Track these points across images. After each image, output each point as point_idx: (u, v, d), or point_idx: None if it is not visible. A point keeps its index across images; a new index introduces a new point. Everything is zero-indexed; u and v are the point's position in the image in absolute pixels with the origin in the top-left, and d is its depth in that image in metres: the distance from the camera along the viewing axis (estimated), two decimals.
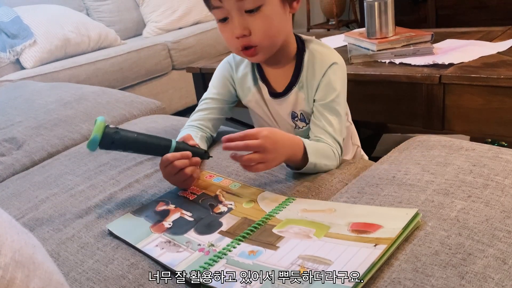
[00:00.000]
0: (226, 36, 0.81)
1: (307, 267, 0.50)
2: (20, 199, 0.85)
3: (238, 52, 0.83)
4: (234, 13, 0.76)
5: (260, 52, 0.80)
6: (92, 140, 0.67)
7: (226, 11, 0.76)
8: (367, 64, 1.33)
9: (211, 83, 0.95)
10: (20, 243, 0.39)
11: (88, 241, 0.67)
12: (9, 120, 1.22)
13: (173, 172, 0.72)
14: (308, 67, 0.85)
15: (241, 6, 0.75)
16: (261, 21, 0.76)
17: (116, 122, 1.22)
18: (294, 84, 0.86)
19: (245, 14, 0.76)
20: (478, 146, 0.70)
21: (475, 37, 1.44)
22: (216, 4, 0.76)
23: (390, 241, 0.49)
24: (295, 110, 0.88)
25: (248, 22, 0.76)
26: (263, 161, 0.68)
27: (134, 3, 3.00)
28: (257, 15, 0.76)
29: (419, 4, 2.92)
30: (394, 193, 0.61)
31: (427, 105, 1.19)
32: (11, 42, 2.18)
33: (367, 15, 1.40)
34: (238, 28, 0.76)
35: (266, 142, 0.67)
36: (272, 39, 0.80)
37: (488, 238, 0.49)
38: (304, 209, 0.63)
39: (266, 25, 0.77)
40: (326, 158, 0.77)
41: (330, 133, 0.81)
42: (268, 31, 0.78)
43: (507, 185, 0.58)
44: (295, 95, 0.86)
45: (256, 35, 0.77)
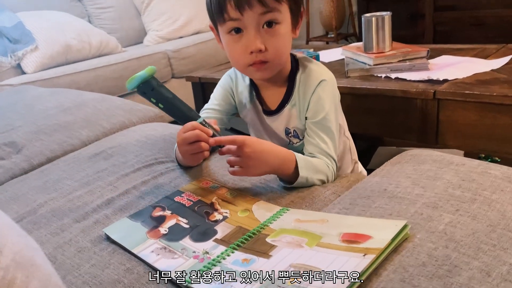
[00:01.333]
0: (236, 51, 0.80)
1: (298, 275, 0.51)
2: (19, 202, 0.86)
3: (245, 69, 0.83)
4: (251, 28, 0.77)
5: (269, 68, 0.82)
6: (137, 76, 0.71)
7: (242, 24, 0.77)
8: (364, 78, 1.35)
9: (213, 95, 0.98)
10: (20, 245, 0.40)
11: (85, 245, 0.68)
12: (9, 124, 1.24)
13: (190, 140, 0.74)
14: (299, 85, 0.87)
15: (261, 20, 0.77)
16: (276, 38, 0.79)
17: (115, 129, 1.23)
18: (286, 102, 0.88)
19: (262, 30, 0.77)
20: (468, 161, 0.72)
21: (470, 54, 1.47)
22: (235, 16, 0.76)
23: (379, 251, 0.51)
24: (289, 127, 0.90)
25: (264, 38, 0.78)
26: (242, 166, 0.72)
27: (136, 12, 3.03)
28: (273, 31, 0.78)
29: (417, 20, 2.96)
30: (385, 205, 0.63)
31: (422, 119, 1.21)
32: (13, 47, 2.21)
33: (364, 30, 1.43)
34: (255, 42, 0.77)
35: (247, 149, 0.71)
36: (281, 58, 0.83)
37: (473, 250, 0.51)
38: (298, 219, 0.65)
39: (280, 42, 0.79)
40: (319, 173, 0.79)
41: (324, 149, 0.83)
42: (281, 49, 0.80)
43: (494, 200, 0.60)
44: (288, 112, 0.89)
45: (270, 51, 0.79)
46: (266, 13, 0.76)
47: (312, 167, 0.78)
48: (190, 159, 0.78)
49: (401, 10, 3.01)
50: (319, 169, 0.79)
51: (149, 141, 1.04)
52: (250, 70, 0.83)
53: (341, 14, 3.40)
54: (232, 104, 0.97)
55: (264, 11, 0.76)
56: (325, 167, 0.81)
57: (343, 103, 0.95)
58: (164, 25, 2.90)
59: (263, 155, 0.73)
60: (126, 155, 0.98)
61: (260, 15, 0.76)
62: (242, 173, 0.73)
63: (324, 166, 0.80)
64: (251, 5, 0.75)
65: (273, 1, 0.76)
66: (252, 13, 0.75)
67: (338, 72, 1.42)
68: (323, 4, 3.37)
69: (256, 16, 0.76)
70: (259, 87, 0.92)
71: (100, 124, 1.23)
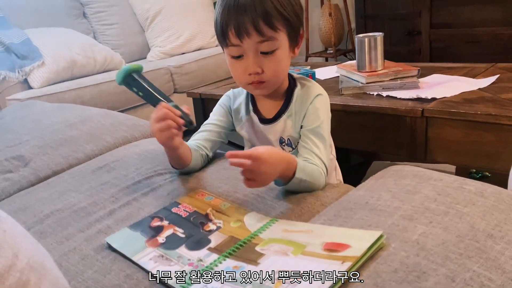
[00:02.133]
0: (237, 72, 0.90)
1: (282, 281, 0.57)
2: (26, 213, 0.92)
3: (245, 86, 0.93)
4: (250, 53, 0.86)
5: (266, 87, 0.91)
6: (123, 69, 0.86)
7: (242, 50, 0.86)
8: (356, 96, 1.41)
9: (213, 112, 1.07)
10: (33, 251, 0.45)
11: (88, 253, 0.73)
12: (17, 138, 1.29)
13: (159, 118, 0.82)
14: (296, 99, 0.96)
15: (258, 48, 0.86)
16: (273, 62, 0.87)
17: (118, 143, 1.29)
18: (283, 112, 0.96)
19: (260, 55, 0.86)
20: (446, 177, 0.77)
21: (460, 72, 1.53)
22: (236, 43, 0.85)
23: (356, 259, 0.56)
24: (283, 136, 0.97)
25: (262, 62, 0.87)
26: (256, 179, 0.77)
27: (140, 28, 3.12)
28: (271, 57, 0.87)
29: (414, 37, 3.04)
30: (365, 217, 0.68)
31: (411, 136, 1.27)
32: (21, 63, 2.28)
33: (357, 50, 1.49)
34: (253, 66, 0.87)
35: (262, 166, 0.75)
36: (278, 78, 0.91)
37: (441, 258, 0.56)
38: (285, 229, 0.70)
39: (276, 66, 0.88)
40: (312, 177, 0.84)
41: (316, 154, 0.89)
42: (277, 71, 0.89)
43: (465, 213, 0.65)
44: (283, 122, 0.96)
45: (267, 73, 0.88)
46: (263, 42, 0.85)
47: (306, 172, 0.84)
48: (160, 136, 0.84)
49: (398, 27, 3.08)
50: (312, 174, 0.85)
51: (150, 155, 1.10)
52: (249, 88, 0.93)
53: (340, 31, 3.48)
54: (230, 120, 1.05)
55: (261, 40, 0.84)
56: (318, 172, 0.86)
57: (337, 119, 1.02)
58: (167, 42, 2.98)
59: (274, 167, 0.78)
60: (127, 168, 1.04)
61: (258, 43, 0.85)
62: (256, 185, 0.79)
63: (317, 171, 0.86)
64: (249, 34, 0.83)
65: (270, 30, 0.84)
66: (250, 40, 0.84)
67: (332, 89, 1.48)
68: (322, 21, 3.46)
69: (254, 43, 0.85)
70: (256, 100, 1.01)
71: (104, 139, 1.29)
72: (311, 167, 0.86)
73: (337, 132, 1.10)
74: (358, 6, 3.25)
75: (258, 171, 0.75)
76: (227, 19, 0.84)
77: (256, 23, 0.82)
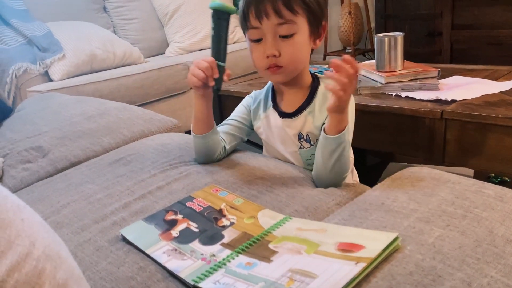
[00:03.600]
0: (256, 55, 0.91)
1: (295, 279, 0.56)
2: (44, 203, 0.93)
3: (263, 71, 0.94)
4: (269, 36, 0.87)
5: (283, 73, 0.91)
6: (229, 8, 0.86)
7: (262, 32, 0.88)
8: (375, 96, 1.39)
9: (235, 110, 1.09)
10: (49, 240, 0.45)
11: (103, 244, 0.74)
12: (37, 129, 1.31)
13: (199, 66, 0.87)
14: (320, 96, 0.96)
15: (277, 31, 0.87)
16: (291, 46, 0.88)
17: (135, 137, 1.30)
18: (305, 108, 0.96)
19: (279, 38, 0.87)
20: (464, 180, 0.76)
21: (481, 75, 1.50)
22: (255, 25, 0.87)
23: (370, 260, 0.55)
24: (302, 132, 0.97)
25: (280, 45, 0.88)
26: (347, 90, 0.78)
27: (159, 23, 3.14)
28: (289, 41, 0.88)
29: (434, 38, 2.99)
30: (381, 218, 0.67)
31: (429, 138, 1.25)
32: (42, 55, 2.31)
33: (377, 49, 1.47)
34: (271, 48, 0.88)
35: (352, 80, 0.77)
36: (295, 64, 0.91)
37: (458, 263, 0.55)
38: (299, 228, 0.70)
39: (294, 51, 0.89)
40: (348, 155, 0.87)
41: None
42: (295, 56, 0.89)
43: (483, 217, 0.64)
44: (304, 118, 0.96)
45: (284, 57, 0.89)
46: (282, 24, 0.86)
47: (348, 147, 0.86)
48: (189, 77, 0.90)
49: (419, 28, 3.04)
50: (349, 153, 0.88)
51: (165, 149, 1.10)
52: (267, 73, 0.93)
53: (359, 30, 3.44)
54: (250, 120, 1.06)
55: (280, 22, 0.86)
56: (349, 160, 0.88)
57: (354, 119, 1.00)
58: (186, 37, 2.99)
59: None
60: (143, 161, 1.05)
61: (277, 26, 0.86)
62: (346, 96, 0.79)
63: (348, 159, 0.88)
64: (268, 16, 0.85)
65: (289, 13, 0.85)
66: (270, 22, 0.86)
67: None
68: (342, 20, 3.43)
69: (272, 26, 0.86)
70: (278, 93, 1.01)
71: (121, 132, 1.30)
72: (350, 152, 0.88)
73: (354, 132, 1.08)
74: (378, 5, 3.21)
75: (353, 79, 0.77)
76: (249, 2, 0.86)
77: (275, 5, 0.84)
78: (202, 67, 0.87)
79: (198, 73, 0.87)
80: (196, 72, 0.88)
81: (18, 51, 2.31)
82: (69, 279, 0.44)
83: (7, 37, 2.36)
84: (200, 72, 0.87)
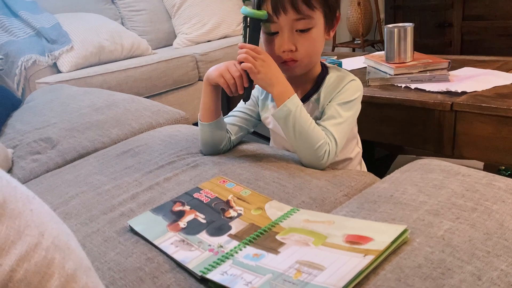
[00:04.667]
0: (271, 48, 0.90)
1: (302, 271, 0.56)
2: (52, 194, 0.94)
3: (278, 64, 0.92)
4: (286, 30, 0.86)
5: (299, 67, 0.91)
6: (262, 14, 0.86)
7: (278, 26, 0.87)
8: (384, 88, 1.38)
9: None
10: (58, 230, 0.45)
11: (111, 235, 0.74)
12: (46, 121, 1.32)
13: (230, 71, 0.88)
14: (327, 84, 0.95)
15: (294, 25, 0.86)
16: (307, 41, 0.87)
17: (143, 129, 1.30)
18: (311, 95, 0.96)
19: (295, 33, 0.87)
20: (475, 172, 0.75)
21: (492, 66, 1.48)
22: (272, 19, 0.86)
23: (378, 252, 0.55)
24: None
25: (296, 40, 0.87)
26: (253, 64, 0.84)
27: (167, 15, 3.13)
28: (305, 35, 0.87)
29: (445, 29, 2.95)
30: (390, 211, 0.66)
31: (439, 130, 1.23)
32: (50, 47, 2.32)
33: (386, 40, 1.46)
34: (288, 43, 0.87)
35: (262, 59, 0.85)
36: (311, 58, 0.91)
37: (468, 256, 0.54)
38: (306, 220, 0.69)
39: (310, 45, 0.88)
40: (308, 126, 0.85)
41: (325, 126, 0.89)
42: (311, 50, 0.89)
43: (494, 210, 0.63)
44: (310, 105, 0.96)
45: (301, 52, 0.88)
46: (299, 20, 0.85)
47: (304, 118, 0.85)
48: (218, 80, 0.89)
49: (429, 19, 3.00)
50: (311, 125, 0.86)
51: (173, 140, 1.10)
52: (282, 67, 0.91)
53: (368, 21, 3.41)
54: (257, 111, 1.05)
55: (298, 18, 0.85)
56: (320, 131, 0.86)
57: (362, 111, 0.99)
58: (193, 29, 2.98)
59: (269, 70, 0.85)
60: (151, 153, 1.05)
61: (294, 21, 0.85)
62: (249, 68, 0.85)
63: (319, 130, 0.86)
64: (286, 11, 0.84)
65: (307, 8, 0.84)
66: (287, 17, 0.85)
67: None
68: (351, 11, 3.40)
69: (290, 20, 0.85)
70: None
71: (129, 124, 1.31)
72: (313, 122, 0.86)
73: (362, 124, 1.08)
74: None
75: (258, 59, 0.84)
76: None
77: (293, 1, 0.83)
78: (234, 75, 0.87)
79: (229, 77, 0.87)
80: (227, 76, 0.87)
81: (27, 43, 2.31)
82: (77, 269, 0.44)
83: (16, 28, 2.36)
84: (230, 78, 0.87)
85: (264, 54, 0.86)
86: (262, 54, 0.85)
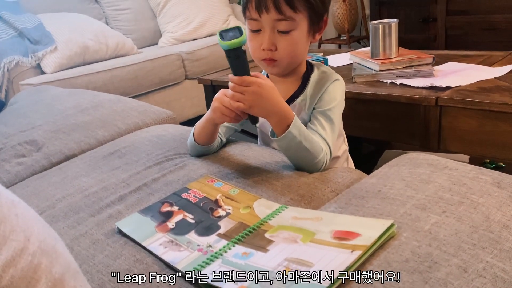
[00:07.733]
0: (253, 45, 0.91)
1: (291, 268, 0.56)
2: (39, 197, 0.93)
3: (259, 62, 0.93)
4: (267, 29, 0.87)
5: (278, 66, 0.91)
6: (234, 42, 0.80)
7: (261, 24, 0.87)
8: (370, 84, 1.39)
9: None
10: (44, 234, 0.45)
11: (99, 237, 0.73)
12: (30, 123, 1.30)
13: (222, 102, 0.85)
14: (313, 83, 0.96)
15: (275, 25, 0.86)
16: (288, 42, 0.87)
17: (130, 129, 1.29)
18: (297, 96, 0.96)
19: (276, 33, 0.87)
20: (462, 166, 0.76)
21: (476, 61, 1.49)
22: (255, 17, 0.87)
23: (365, 248, 0.56)
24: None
25: (277, 40, 0.87)
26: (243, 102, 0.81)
27: (152, 13, 3.11)
28: (286, 36, 0.87)
29: (429, 24, 2.98)
30: (377, 206, 0.67)
31: (424, 125, 1.25)
32: (34, 48, 2.29)
33: (371, 37, 1.47)
34: (268, 42, 0.87)
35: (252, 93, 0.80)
36: (292, 59, 0.91)
37: (454, 249, 0.55)
38: (295, 217, 0.70)
39: (291, 46, 0.88)
40: (310, 144, 0.84)
41: (322, 135, 0.89)
42: (291, 52, 0.89)
43: (480, 204, 0.64)
44: (298, 105, 0.96)
45: (280, 52, 0.88)
46: (281, 20, 0.85)
47: (305, 135, 0.84)
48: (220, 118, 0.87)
49: (413, 14, 3.03)
50: (310, 140, 0.85)
51: (160, 141, 1.10)
52: (263, 64, 0.93)
53: (353, 17, 3.43)
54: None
55: (279, 18, 0.85)
56: (319, 146, 0.86)
57: (349, 107, 1.00)
58: (179, 27, 2.97)
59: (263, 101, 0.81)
60: (138, 154, 1.04)
61: (276, 21, 0.85)
62: (242, 107, 0.81)
63: (318, 144, 0.86)
64: (268, 10, 0.84)
65: (289, 10, 0.84)
66: (268, 17, 0.85)
67: (345, 77, 1.44)
68: (336, 7, 3.40)
69: (271, 20, 0.85)
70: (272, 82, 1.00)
71: (116, 125, 1.30)
72: (312, 135, 0.86)
73: (349, 121, 1.08)
74: None
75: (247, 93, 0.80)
76: None
77: (276, 1, 0.83)
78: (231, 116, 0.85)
79: (228, 113, 0.85)
80: (227, 112, 0.85)
81: (9, 44, 2.28)
82: (65, 273, 0.43)
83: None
84: (231, 112, 0.84)
85: (254, 83, 0.80)
86: (251, 84, 0.80)
